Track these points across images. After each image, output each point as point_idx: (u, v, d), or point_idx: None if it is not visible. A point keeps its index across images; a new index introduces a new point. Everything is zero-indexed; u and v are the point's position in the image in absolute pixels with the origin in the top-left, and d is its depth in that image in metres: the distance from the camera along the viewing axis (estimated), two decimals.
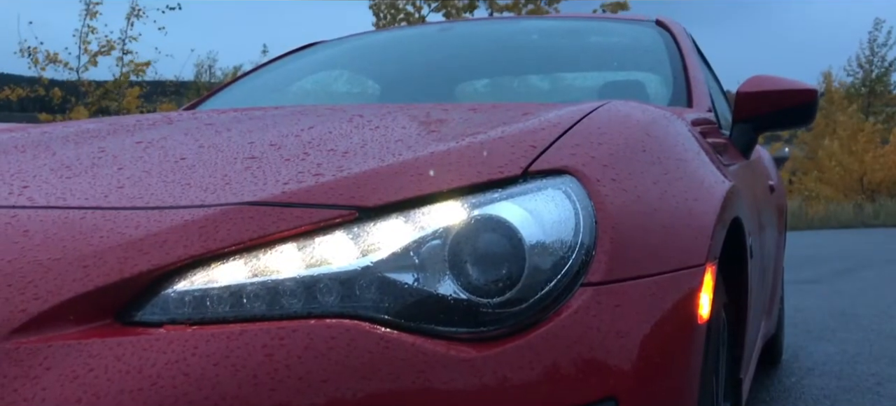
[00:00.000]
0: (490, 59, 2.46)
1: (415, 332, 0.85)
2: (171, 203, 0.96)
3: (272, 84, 2.67)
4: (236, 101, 2.48)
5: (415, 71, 2.48)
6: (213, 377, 0.79)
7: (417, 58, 2.53)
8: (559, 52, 2.42)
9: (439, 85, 2.34)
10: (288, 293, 0.87)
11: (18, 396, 0.77)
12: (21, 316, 0.82)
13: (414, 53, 2.57)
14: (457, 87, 2.46)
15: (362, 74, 2.58)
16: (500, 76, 2.60)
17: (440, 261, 0.89)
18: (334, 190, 0.95)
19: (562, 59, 2.41)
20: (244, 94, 2.56)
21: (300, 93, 2.57)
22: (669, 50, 2.25)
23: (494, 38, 2.59)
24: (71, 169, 1.12)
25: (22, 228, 0.93)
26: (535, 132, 1.07)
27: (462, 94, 2.43)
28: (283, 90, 2.58)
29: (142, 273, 0.85)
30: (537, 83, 2.45)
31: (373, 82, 2.50)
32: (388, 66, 2.54)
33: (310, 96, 2.54)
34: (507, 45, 2.50)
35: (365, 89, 2.46)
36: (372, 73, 2.54)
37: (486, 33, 2.72)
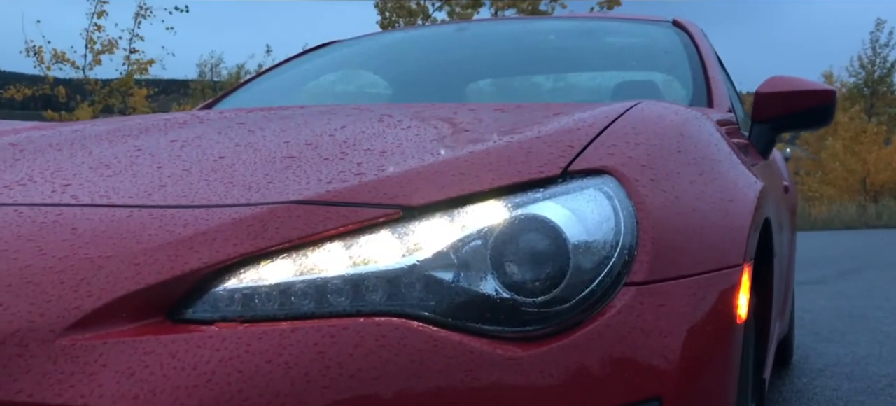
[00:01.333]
0: (507, 60, 2.47)
1: (461, 330, 0.86)
2: (216, 202, 0.97)
3: (289, 83, 2.67)
4: (255, 99, 2.49)
5: (432, 71, 2.49)
6: (265, 375, 0.80)
7: (434, 57, 2.54)
8: (577, 53, 2.43)
9: (457, 85, 2.34)
10: (335, 291, 0.88)
11: (76, 393, 0.78)
12: (75, 313, 0.82)
13: (430, 53, 2.58)
14: (474, 86, 2.47)
15: (379, 74, 2.59)
16: (517, 76, 2.60)
17: (484, 260, 0.89)
18: (378, 189, 0.95)
19: (580, 59, 2.42)
20: (262, 93, 2.56)
21: (318, 92, 2.58)
22: (688, 50, 2.26)
23: (511, 39, 2.60)
24: (110, 167, 1.13)
25: (69, 226, 0.94)
26: (572, 132, 1.08)
27: (480, 94, 2.44)
28: (300, 89, 2.59)
29: (192, 271, 0.86)
30: (557, 83, 2.45)
31: (391, 82, 2.50)
32: (405, 65, 2.54)
33: (329, 96, 2.55)
34: (524, 46, 2.50)
35: (383, 89, 2.46)
36: (389, 73, 2.55)
37: (503, 33, 2.73)
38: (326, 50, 2.91)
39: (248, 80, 2.85)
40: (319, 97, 2.54)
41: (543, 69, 2.50)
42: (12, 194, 1.04)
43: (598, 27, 2.62)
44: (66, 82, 9.89)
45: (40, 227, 0.95)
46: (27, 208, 0.99)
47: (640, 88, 2.23)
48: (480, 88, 2.53)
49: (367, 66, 2.68)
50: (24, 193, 1.04)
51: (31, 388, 0.79)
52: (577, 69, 2.49)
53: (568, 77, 2.51)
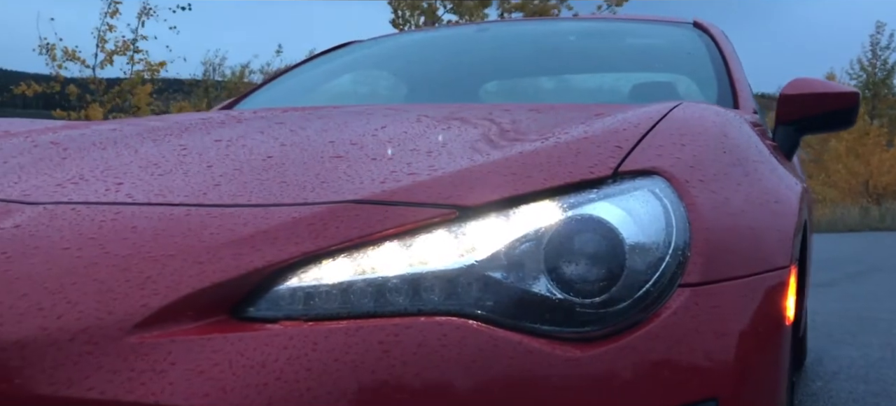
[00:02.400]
0: (528, 61, 2.48)
1: (518, 330, 0.87)
2: (273, 201, 0.97)
3: (310, 84, 2.68)
4: (278, 99, 2.50)
5: (453, 71, 2.50)
6: (333, 373, 0.81)
7: (455, 58, 2.55)
8: (600, 54, 2.43)
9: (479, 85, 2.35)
10: (394, 291, 0.88)
11: (147, 391, 0.79)
12: (142, 311, 0.83)
13: (451, 54, 2.59)
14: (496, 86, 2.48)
15: (402, 74, 2.59)
16: (540, 77, 2.61)
17: (540, 260, 0.90)
18: (432, 189, 0.96)
19: (603, 60, 2.43)
20: (284, 93, 2.57)
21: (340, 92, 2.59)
22: (711, 52, 2.26)
23: (532, 39, 2.60)
24: (159, 166, 1.13)
25: (129, 225, 0.95)
26: (618, 133, 1.08)
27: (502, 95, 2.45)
28: (322, 90, 2.59)
29: (256, 269, 0.87)
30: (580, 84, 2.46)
31: (413, 82, 2.51)
32: (427, 66, 2.55)
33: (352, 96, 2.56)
34: (545, 47, 2.51)
35: (406, 89, 2.46)
36: (411, 73, 2.55)
37: (524, 34, 2.73)
38: (345, 50, 2.92)
39: (268, 79, 2.86)
40: (342, 97, 2.55)
41: (566, 70, 2.51)
42: (66, 193, 1.05)
43: (619, 28, 2.63)
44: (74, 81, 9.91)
45: (100, 225, 0.95)
46: (84, 207, 1.00)
47: (663, 89, 2.24)
48: (502, 89, 2.54)
49: (389, 67, 2.68)
50: (79, 192, 1.05)
51: (102, 385, 0.79)
52: (600, 70, 2.50)
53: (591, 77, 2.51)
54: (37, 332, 0.82)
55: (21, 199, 1.04)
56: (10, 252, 0.92)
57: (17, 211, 1.01)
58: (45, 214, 0.99)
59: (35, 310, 0.84)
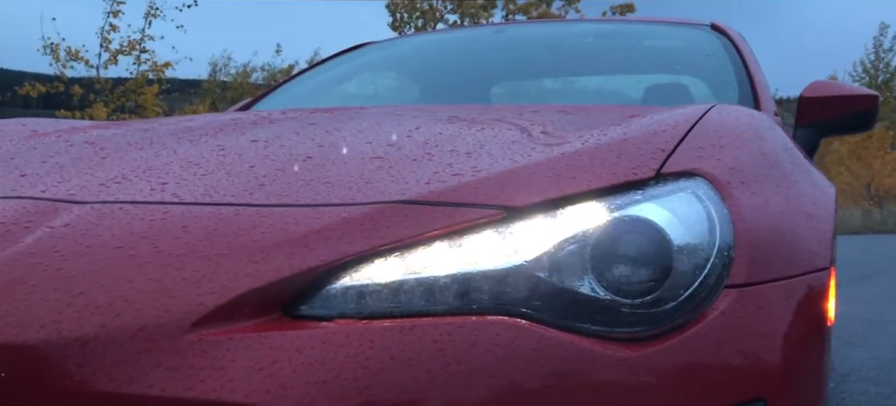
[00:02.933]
0: (547, 62, 2.49)
1: (567, 330, 0.88)
2: (321, 201, 0.98)
3: (327, 84, 2.69)
4: (296, 100, 2.51)
5: (471, 72, 2.51)
6: (390, 371, 0.81)
7: (473, 59, 2.56)
8: (619, 56, 2.44)
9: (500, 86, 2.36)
10: (444, 290, 0.89)
11: (207, 387, 0.80)
12: (199, 309, 0.84)
13: (469, 55, 2.59)
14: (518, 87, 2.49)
15: (420, 75, 2.60)
16: (558, 78, 2.62)
17: (588, 261, 0.91)
18: (478, 190, 0.97)
19: (623, 62, 2.44)
20: (303, 94, 2.58)
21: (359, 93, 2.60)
22: (730, 54, 2.27)
23: (550, 41, 2.61)
24: (200, 166, 1.14)
25: (179, 224, 0.96)
26: (657, 134, 1.09)
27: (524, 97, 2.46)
28: (340, 91, 2.60)
29: (310, 268, 0.88)
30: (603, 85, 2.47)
31: (430, 83, 2.51)
32: (445, 67, 2.56)
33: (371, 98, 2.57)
34: (563, 49, 2.52)
35: (423, 91, 2.47)
36: (429, 74, 2.56)
37: (541, 36, 2.74)
38: (361, 51, 2.93)
39: (286, 80, 2.87)
40: (361, 99, 2.56)
41: (585, 72, 2.52)
42: (112, 192, 1.06)
43: (637, 30, 2.64)
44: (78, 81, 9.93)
45: (150, 224, 0.96)
46: (132, 206, 1.01)
47: (684, 91, 2.24)
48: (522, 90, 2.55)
49: (407, 68, 2.69)
50: (124, 191, 1.06)
51: (162, 383, 0.80)
52: (619, 72, 2.51)
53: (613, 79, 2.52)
54: (96, 330, 0.83)
55: (67, 198, 1.05)
56: (62, 251, 0.93)
57: (65, 210, 1.02)
58: (93, 214, 1.00)
59: (93, 307, 0.85)
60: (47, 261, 0.91)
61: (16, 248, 0.94)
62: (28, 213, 1.01)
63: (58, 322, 0.84)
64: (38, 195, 1.07)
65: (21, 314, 0.85)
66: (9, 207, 1.04)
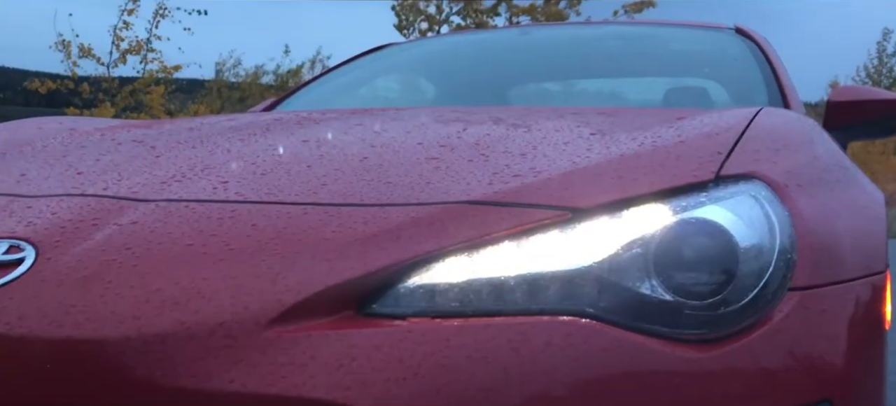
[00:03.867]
0: (575, 64, 2.50)
1: (636, 331, 0.88)
2: (385, 201, 0.99)
3: (352, 85, 2.70)
4: (321, 101, 2.52)
5: (499, 74, 2.52)
6: (467, 369, 0.82)
7: (500, 61, 2.57)
8: (647, 59, 2.45)
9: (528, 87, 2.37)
10: (513, 290, 0.90)
11: (289, 384, 0.80)
12: (277, 306, 0.85)
13: (496, 56, 2.61)
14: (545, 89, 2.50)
15: (445, 76, 2.61)
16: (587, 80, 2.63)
17: (655, 262, 0.92)
18: (542, 191, 0.98)
19: (650, 64, 2.45)
20: (328, 94, 2.59)
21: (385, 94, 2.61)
22: (757, 57, 2.28)
23: (577, 44, 2.62)
24: (257, 166, 1.15)
25: (249, 222, 0.97)
26: (713, 137, 1.10)
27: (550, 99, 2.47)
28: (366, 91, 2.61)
29: (383, 267, 0.89)
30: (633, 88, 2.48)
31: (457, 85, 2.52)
32: (472, 69, 2.57)
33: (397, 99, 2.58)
34: (592, 51, 2.53)
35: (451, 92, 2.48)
36: (455, 76, 2.57)
37: (567, 38, 2.75)
38: (383, 53, 2.94)
39: (309, 81, 2.88)
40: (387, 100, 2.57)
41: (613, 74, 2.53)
42: (174, 191, 1.07)
43: (662, 33, 2.64)
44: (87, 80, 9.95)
45: (218, 222, 0.97)
46: (198, 204, 1.02)
47: (714, 95, 2.25)
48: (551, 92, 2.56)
49: (432, 69, 2.70)
50: (186, 190, 1.07)
51: (243, 378, 0.81)
52: (646, 74, 2.52)
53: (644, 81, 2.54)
54: (175, 326, 0.84)
55: (130, 196, 1.06)
56: (134, 248, 0.94)
57: (130, 208, 1.03)
58: (159, 211, 1.01)
59: (171, 304, 0.86)
60: (120, 258, 0.92)
61: (86, 244, 0.95)
62: (94, 211, 1.02)
63: (137, 318, 0.85)
64: (100, 193, 1.08)
65: (99, 310, 0.86)
66: (74, 205, 1.05)
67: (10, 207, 1.07)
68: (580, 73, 2.56)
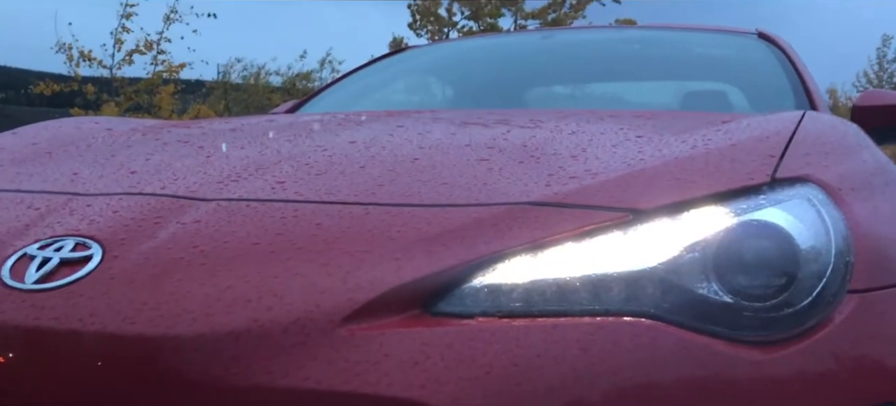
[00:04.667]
0: (600, 68, 2.51)
1: (699, 332, 0.89)
2: (445, 201, 1.00)
3: (376, 87, 2.71)
4: (347, 103, 2.53)
5: (524, 77, 2.53)
6: (538, 368, 0.83)
7: (524, 64, 2.58)
8: (672, 63, 2.46)
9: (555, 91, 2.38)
10: (578, 291, 0.91)
11: (363, 381, 0.81)
12: (349, 304, 0.86)
13: (520, 59, 2.62)
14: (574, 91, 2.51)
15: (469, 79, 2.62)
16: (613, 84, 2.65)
17: (717, 264, 0.92)
18: (602, 192, 0.99)
19: (676, 69, 2.46)
20: (352, 96, 2.60)
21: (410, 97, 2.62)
22: (782, 62, 2.29)
23: (601, 48, 2.63)
24: (310, 166, 1.16)
25: (313, 222, 0.97)
26: (763, 141, 1.11)
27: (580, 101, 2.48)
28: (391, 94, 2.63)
29: (450, 267, 0.90)
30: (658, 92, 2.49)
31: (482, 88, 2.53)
32: (496, 71, 2.58)
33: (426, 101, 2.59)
34: (616, 55, 2.54)
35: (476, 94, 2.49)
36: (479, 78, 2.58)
37: (591, 42, 2.77)
38: (405, 55, 2.96)
39: (331, 83, 2.89)
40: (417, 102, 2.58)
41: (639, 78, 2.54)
42: (232, 190, 1.08)
43: (686, 38, 2.65)
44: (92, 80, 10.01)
45: (282, 221, 0.98)
46: (259, 204, 1.03)
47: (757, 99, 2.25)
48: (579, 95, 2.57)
49: (455, 72, 2.71)
50: (244, 189, 1.08)
51: (318, 375, 0.82)
52: (672, 78, 2.53)
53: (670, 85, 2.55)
54: (249, 324, 0.85)
55: (188, 195, 1.07)
56: (201, 246, 0.95)
57: (191, 207, 1.04)
58: (221, 211, 1.02)
59: (242, 301, 0.87)
60: (188, 256, 0.93)
61: (152, 243, 0.96)
62: (155, 210, 1.03)
63: (209, 315, 0.86)
64: (158, 192, 1.09)
65: (171, 307, 0.87)
66: (134, 203, 1.06)
67: (69, 206, 1.08)
68: (607, 76, 2.57)
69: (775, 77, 2.23)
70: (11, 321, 0.90)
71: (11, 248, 0.99)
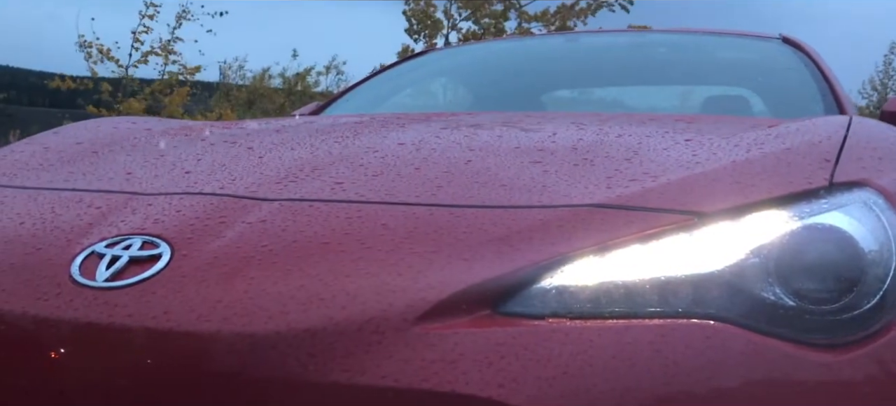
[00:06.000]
0: (629, 72, 2.52)
1: (767, 334, 0.90)
2: (506, 203, 1.01)
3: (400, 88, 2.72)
4: (370, 105, 2.53)
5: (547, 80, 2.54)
6: (612, 370, 0.84)
7: (551, 68, 2.59)
8: (699, 67, 2.47)
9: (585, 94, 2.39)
10: (645, 294, 0.91)
11: (441, 379, 0.82)
12: (422, 304, 0.86)
13: (547, 63, 2.62)
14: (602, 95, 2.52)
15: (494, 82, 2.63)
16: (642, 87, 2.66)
17: (782, 267, 0.93)
18: (666, 195, 0.99)
19: (702, 73, 2.47)
20: (378, 98, 2.61)
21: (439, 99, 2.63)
22: (808, 67, 2.30)
23: (628, 51, 2.64)
24: (365, 167, 1.16)
25: (378, 222, 0.98)
26: (816, 145, 1.12)
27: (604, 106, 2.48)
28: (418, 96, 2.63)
29: (520, 268, 0.90)
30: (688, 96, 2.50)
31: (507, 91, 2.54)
32: (522, 74, 2.59)
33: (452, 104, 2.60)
34: (642, 59, 2.55)
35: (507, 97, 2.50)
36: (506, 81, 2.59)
37: (616, 46, 2.77)
38: (428, 58, 2.97)
39: (354, 85, 2.89)
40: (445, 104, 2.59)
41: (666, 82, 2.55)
42: (293, 190, 1.08)
43: (710, 42, 2.66)
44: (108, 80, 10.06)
45: (348, 222, 0.99)
46: (322, 204, 1.04)
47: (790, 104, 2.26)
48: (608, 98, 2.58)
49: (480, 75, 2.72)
50: (304, 190, 1.08)
51: (395, 374, 0.83)
52: (699, 83, 2.54)
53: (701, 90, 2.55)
54: (324, 322, 0.85)
55: (249, 195, 1.08)
56: (270, 245, 0.95)
57: (254, 207, 1.04)
58: (285, 210, 1.02)
59: (317, 300, 0.87)
60: (257, 255, 0.94)
61: (220, 242, 0.97)
62: (218, 209, 1.04)
63: (285, 313, 0.87)
64: (218, 191, 1.10)
65: (245, 305, 0.88)
66: (196, 203, 1.06)
67: (130, 205, 1.09)
68: (634, 80, 2.58)
69: (803, 82, 2.24)
70: (84, 318, 0.90)
71: (79, 245, 1.00)
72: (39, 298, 0.94)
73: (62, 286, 0.94)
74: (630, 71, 2.51)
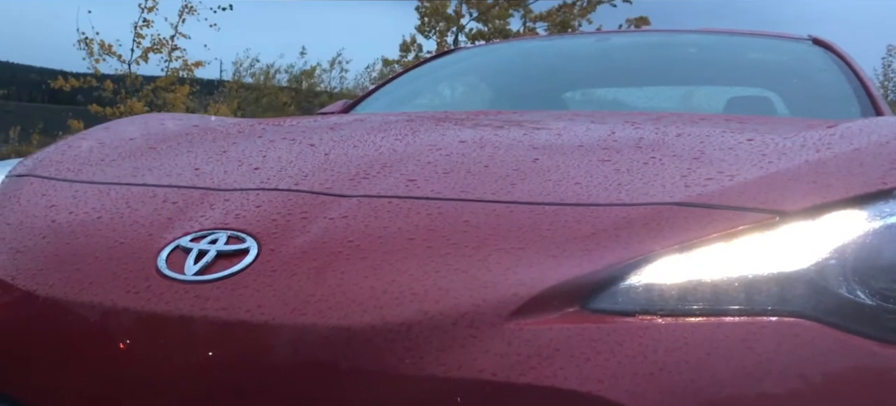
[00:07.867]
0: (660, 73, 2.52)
1: (853, 333, 0.90)
2: (585, 200, 1.01)
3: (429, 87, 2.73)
4: (400, 103, 2.54)
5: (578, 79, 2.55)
6: (709, 366, 0.84)
7: (583, 67, 2.59)
8: (731, 68, 2.48)
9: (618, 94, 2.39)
10: (731, 291, 0.92)
11: (539, 374, 0.82)
12: (514, 300, 0.87)
13: (578, 63, 2.63)
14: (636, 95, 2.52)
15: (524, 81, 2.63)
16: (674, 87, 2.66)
17: (861, 266, 0.94)
18: (746, 194, 1.00)
19: (735, 74, 2.47)
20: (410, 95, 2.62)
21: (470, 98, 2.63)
22: (842, 69, 2.30)
23: (658, 51, 2.65)
24: (434, 165, 1.17)
25: (460, 219, 0.99)
26: (884, 145, 1.13)
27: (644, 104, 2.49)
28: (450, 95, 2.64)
29: (608, 265, 0.91)
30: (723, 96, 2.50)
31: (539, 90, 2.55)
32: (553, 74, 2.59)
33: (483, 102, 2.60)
34: (673, 59, 2.56)
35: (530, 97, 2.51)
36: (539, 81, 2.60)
37: (647, 45, 2.78)
38: (455, 57, 2.97)
39: (383, 83, 2.90)
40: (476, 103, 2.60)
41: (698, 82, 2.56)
42: (367, 187, 1.09)
43: (740, 43, 2.67)
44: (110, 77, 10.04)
45: (429, 218, 0.99)
46: (401, 201, 1.04)
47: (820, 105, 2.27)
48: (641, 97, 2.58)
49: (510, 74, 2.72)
50: (379, 186, 1.09)
51: (493, 368, 0.83)
52: (733, 84, 2.55)
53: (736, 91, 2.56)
54: (419, 316, 0.86)
55: (325, 191, 1.08)
56: (356, 241, 0.96)
57: (332, 203, 1.05)
58: (364, 207, 1.03)
59: (410, 294, 0.88)
60: (345, 250, 0.95)
61: (306, 237, 0.97)
62: (298, 205, 1.05)
63: (379, 308, 0.87)
64: (294, 187, 1.10)
65: (339, 299, 0.89)
66: (275, 199, 1.07)
67: (207, 200, 1.10)
68: (668, 80, 2.59)
69: (837, 84, 2.25)
70: (176, 311, 0.91)
71: (162, 240, 1.01)
72: (129, 291, 0.94)
73: (151, 280, 0.95)
74: (664, 71, 2.51)
